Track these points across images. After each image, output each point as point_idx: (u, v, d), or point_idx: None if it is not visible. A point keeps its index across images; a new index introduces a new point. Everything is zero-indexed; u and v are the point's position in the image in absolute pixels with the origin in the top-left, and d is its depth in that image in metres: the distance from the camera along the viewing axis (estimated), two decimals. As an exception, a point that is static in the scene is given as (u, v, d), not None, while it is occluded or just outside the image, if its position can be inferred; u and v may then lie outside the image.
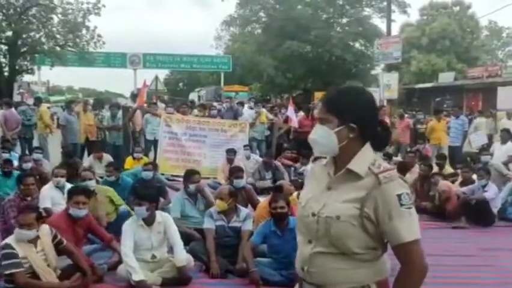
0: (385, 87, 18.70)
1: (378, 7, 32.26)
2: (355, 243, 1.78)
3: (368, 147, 1.87)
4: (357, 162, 1.83)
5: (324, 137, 1.87)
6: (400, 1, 30.43)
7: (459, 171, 8.68)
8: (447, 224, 7.22)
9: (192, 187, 6.09)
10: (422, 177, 8.22)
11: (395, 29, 30.23)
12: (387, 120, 11.96)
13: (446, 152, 11.19)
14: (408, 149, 11.12)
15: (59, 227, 4.66)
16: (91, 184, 6.24)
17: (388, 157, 9.63)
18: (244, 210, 5.43)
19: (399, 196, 1.73)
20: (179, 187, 7.31)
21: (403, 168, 8.55)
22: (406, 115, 13.66)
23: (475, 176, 7.85)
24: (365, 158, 1.83)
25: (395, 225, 1.73)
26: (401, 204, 1.72)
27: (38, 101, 12.92)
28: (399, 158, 10.56)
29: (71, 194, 5.06)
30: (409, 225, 1.74)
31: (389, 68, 21.56)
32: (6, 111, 11.32)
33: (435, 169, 8.81)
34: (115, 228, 5.49)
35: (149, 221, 4.82)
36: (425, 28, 34.93)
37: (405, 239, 1.73)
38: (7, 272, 4.13)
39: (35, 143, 11.39)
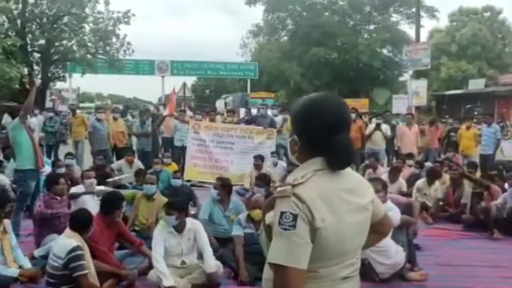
0: (413, 94, 18.51)
1: (406, 13, 31.98)
2: (267, 253, 1.69)
3: (311, 162, 1.74)
4: (291, 175, 1.74)
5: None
6: (428, 6, 30.11)
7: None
8: (479, 235, 7.08)
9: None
10: (454, 181, 8.13)
11: (424, 35, 29.93)
12: (415, 128, 11.82)
13: (476, 160, 10.96)
14: (438, 158, 10.94)
15: (93, 230, 4.76)
16: (152, 189, 6.41)
17: (420, 166, 9.48)
18: (273, 218, 5.42)
19: (281, 214, 1.61)
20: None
21: (432, 176, 8.42)
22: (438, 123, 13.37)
23: (506, 185, 7.68)
24: (298, 172, 1.73)
25: (272, 241, 1.65)
26: (279, 223, 1.60)
27: (75, 108, 13.16)
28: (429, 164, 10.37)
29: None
30: (276, 246, 1.61)
31: (418, 74, 21.31)
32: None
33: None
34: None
35: (179, 228, 4.87)
36: (454, 34, 34.44)
37: (267, 258, 1.64)
38: (78, 273, 4.13)
39: (69, 148, 11.58)
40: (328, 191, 1.67)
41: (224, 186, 6.27)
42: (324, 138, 1.72)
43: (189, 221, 5.03)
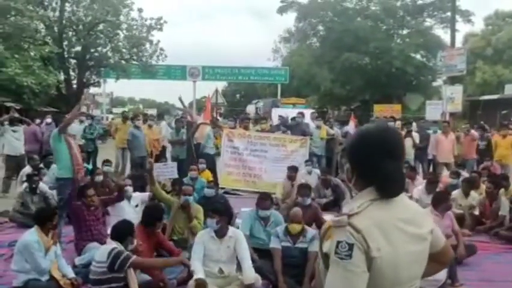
0: (448, 100, 18.17)
1: (441, 17, 31.37)
2: (324, 281, 1.72)
3: (368, 191, 1.75)
4: (348, 206, 1.75)
5: None
6: (464, 10, 29.47)
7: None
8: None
9: (262, 212, 6.06)
10: (489, 194, 7.98)
11: (459, 39, 29.34)
12: (452, 136, 11.57)
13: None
14: (476, 168, 10.70)
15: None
16: (188, 200, 6.50)
17: (456, 175, 9.28)
18: (310, 231, 5.40)
19: (337, 243, 1.63)
20: None
21: (469, 186, 8.24)
22: (472, 130, 13.05)
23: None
24: (355, 201, 1.75)
25: (329, 269, 1.67)
26: (335, 252, 1.63)
27: (128, 116, 13.19)
28: (466, 174, 10.15)
29: None
30: (333, 275, 1.64)
31: (452, 80, 20.89)
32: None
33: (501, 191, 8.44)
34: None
35: (220, 233, 4.92)
36: (490, 38, 33.68)
37: (325, 286, 1.67)
38: (129, 263, 4.24)
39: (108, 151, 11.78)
40: (384, 221, 1.69)
41: (272, 202, 6.27)
42: (372, 165, 1.75)
43: (231, 229, 5.07)
